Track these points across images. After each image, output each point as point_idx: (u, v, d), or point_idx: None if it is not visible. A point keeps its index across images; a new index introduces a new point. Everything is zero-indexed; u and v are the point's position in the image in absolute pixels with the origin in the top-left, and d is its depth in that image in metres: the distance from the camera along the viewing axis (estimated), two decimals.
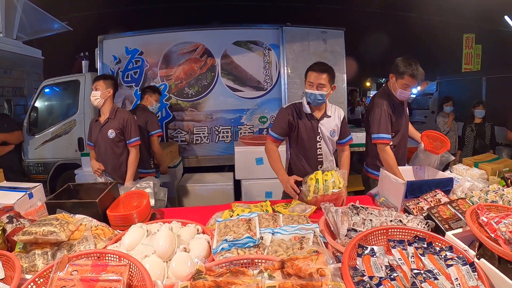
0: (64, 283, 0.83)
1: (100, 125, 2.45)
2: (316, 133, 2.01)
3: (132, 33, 4.30)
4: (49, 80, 4.50)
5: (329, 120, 2.03)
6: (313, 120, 2.00)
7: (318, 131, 2.01)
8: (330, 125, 2.03)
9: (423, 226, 1.20)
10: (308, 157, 2.04)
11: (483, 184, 1.75)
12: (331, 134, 2.03)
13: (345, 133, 2.10)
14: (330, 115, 2.04)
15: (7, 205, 1.50)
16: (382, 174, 1.86)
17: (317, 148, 2.03)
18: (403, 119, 2.25)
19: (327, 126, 2.02)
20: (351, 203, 1.40)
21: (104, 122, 2.44)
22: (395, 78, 2.11)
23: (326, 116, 2.03)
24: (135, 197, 1.80)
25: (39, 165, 4.40)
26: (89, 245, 1.19)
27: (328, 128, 2.03)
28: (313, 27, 4.28)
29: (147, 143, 3.04)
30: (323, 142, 2.03)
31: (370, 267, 0.89)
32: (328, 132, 2.02)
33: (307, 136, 2.01)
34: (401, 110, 2.22)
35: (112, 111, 2.45)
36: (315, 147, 2.02)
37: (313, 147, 2.02)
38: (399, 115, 2.20)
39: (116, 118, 2.44)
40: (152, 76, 4.22)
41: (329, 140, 2.04)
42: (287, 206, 1.72)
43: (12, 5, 4.98)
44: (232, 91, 4.20)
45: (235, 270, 0.88)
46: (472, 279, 0.86)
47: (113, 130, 2.41)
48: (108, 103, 2.44)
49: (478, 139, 4.21)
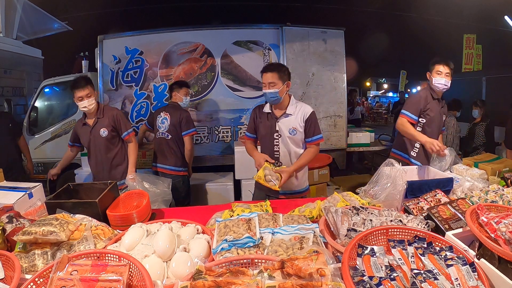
0: (64, 283, 0.83)
1: (90, 127, 2.45)
2: (273, 131, 2.09)
3: (132, 33, 4.30)
4: (49, 80, 4.51)
5: (290, 118, 2.07)
6: (272, 119, 2.09)
7: (276, 129, 2.08)
8: (290, 123, 2.06)
9: (423, 226, 1.20)
10: (266, 153, 2.12)
11: (483, 184, 1.75)
12: (290, 132, 2.06)
13: (311, 132, 2.08)
14: (291, 113, 2.07)
15: (7, 205, 1.50)
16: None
17: (274, 145, 2.10)
18: (437, 116, 2.48)
19: (286, 124, 2.07)
20: (352, 205, 1.40)
21: (94, 123, 2.44)
22: (429, 74, 2.46)
23: (285, 115, 2.07)
24: (135, 197, 1.80)
25: (39, 165, 4.40)
26: (89, 245, 1.19)
27: (288, 126, 2.06)
28: (313, 27, 4.29)
29: (180, 143, 3.05)
30: (281, 140, 2.09)
31: (370, 267, 0.89)
32: (287, 131, 2.06)
33: (265, 134, 2.13)
34: (436, 106, 2.48)
35: (100, 111, 2.46)
36: (273, 145, 2.11)
37: (271, 144, 2.11)
38: (434, 108, 2.46)
39: (105, 116, 2.46)
40: (152, 76, 4.22)
41: (290, 139, 2.07)
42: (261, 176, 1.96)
43: (12, 5, 4.99)
44: (232, 91, 4.20)
45: (235, 270, 0.88)
46: (472, 279, 0.86)
47: (105, 128, 2.44)
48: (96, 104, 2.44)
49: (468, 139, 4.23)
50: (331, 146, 4.44)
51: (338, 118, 4.41)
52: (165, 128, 3.02)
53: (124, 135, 2.53)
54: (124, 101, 4.25)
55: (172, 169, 3.02)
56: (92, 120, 2.45)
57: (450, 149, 2.27)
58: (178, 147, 3.04)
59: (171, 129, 3.00)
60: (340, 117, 4.41)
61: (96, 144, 2.48)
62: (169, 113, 3.02)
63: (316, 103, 4.30)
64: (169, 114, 3.02)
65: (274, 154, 2.12)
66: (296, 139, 2.09)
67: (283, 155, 2.11)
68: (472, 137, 4.29)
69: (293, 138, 2.08)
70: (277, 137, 2.09)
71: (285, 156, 2.11)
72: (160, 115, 3.08)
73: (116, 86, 4.24)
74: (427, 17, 8.91)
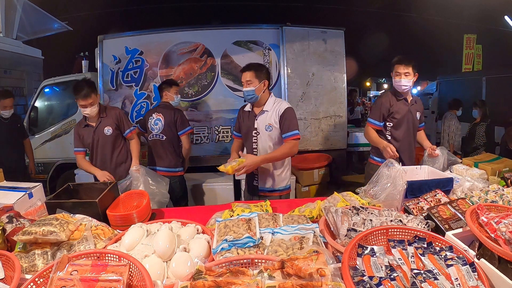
0: (64, 283, 0.83)
1: (94, 127, 2.47)
2: (252, 128, 2.15)
3: (132, 33, 4.30)
4: (49, 80, 4.51)
5: (266, 115, 2.11)
6: (251, 117, 2.17)
7: (254, 126, 2.14)
8: (266, 120, 2.11)
9: (423, 226, 1.20)
10: (247, 151, 2.20)
11: (483, 184, 1.75)
12: (266, 128, 2.10)
13: (286, 127, 2.06)
14: (268, 110, 2.11)
15: (7, 205, 1.50)
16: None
17: (253, 142, 2.16)
18: (406, 116, 2.47)
19: (263, 121, 2.12)
20: (352, 205, 1.40)
21: (97, 123, 2.47)
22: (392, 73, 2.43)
23: (263, 112, 2.13)
24: (135, 197, 1.80)
25: (39, 165, 4.40)
26: (89, 245, 1.19)
27: (264, 122, 2.11)
28: (313, 27, 4.28)
29: (176, 143, 3.03)
30: (259, 137, 2.14)
31: (370, 267, 0.89)
32: (264, 127, 2.11)
33: (246, 131, 2.20)
34: (403, 106, 2.46)
35: (102, 110, 2.49)
36: (251, 141, 2.17)
37: (250, 141, 2.18)
38: (400, 109, 2.45)
39: (108, 115, 2.50)
40: (152, 76, 4.21)
41: (267, 135, 2.11)
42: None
43: (12, 5, 4.99)
44: (232, 91, 4.20)
45: (235, 270, 0.88)
46: (472, 279, 0.86)
47: (109, 127, 2.47)
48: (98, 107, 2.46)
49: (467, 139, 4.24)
50: (331, 146, 4.43)
51: (338, 118, 4.41)
52: (159, 129, 2.97)
53: (126, 133, 2.58)
54: (124, 101, 4.25)
55: (169, 171, 2.99)
56: (95, 120, 2.47)
57: (442, 148, 2.28)
58: (173, 147, 3.01)
59: (166, 130, 2.96)
60: (340, 117, 4.41)
61: (101, 143, 2.50)
62: (162, 114, 2.96)
63: (316, 103, 4.30)
64: (162, 115, 2.96)
65: (253, 151, 2.17)
66: (273, 136, 2.11)
67: (262, 152, 2.13)
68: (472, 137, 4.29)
69: (271, 134, 2.11)
70: (255, 134, 2.15)
71: (264, 152, 2.13)
72: (152, 116, 3.01)
73: (116, 86, 4.24)
74: (427, 17, 8.91)
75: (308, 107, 4.28)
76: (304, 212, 1.57)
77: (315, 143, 4.38)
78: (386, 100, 2.46)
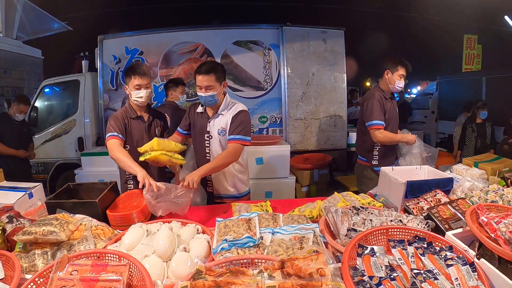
0: (64, 283, 0.83)
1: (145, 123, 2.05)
2: (205, 132, 1.97)
3: (132, 33, 4.31)
4: (49, 80, 4.51)
5: (220, 118, 1.95)
6: (204, 119, 1.99)
7: (207, 130, 1.97)
8: (220, 123, 1.94)
9: (423, 226, 1.20)
10: (199, 156, 2.04)
11: (483, 184, 1.75)
12: (219, 132, 1.95)
13: (233, 129, 1.89)
14: (222, 113, 1.94)
15: (7, 205, 1.50)
16: (382, 174, 1.86)
17: (205, 146, 1.99)
18: (393, 115, 2.52)
19: (216, 124, 1.95)
20: (352, 205, 1.40)
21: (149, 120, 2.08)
22: (390, 73, 2.43)
23: (217, 115, 1.95)
24: (135, 197, 1.80)
25: (39, 165, 4.41)
26: (89, 245, 1.19)
27: (217, 126, 1.95)
28: (313, 27, 4.29)
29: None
30: (212, 141, 1.97)
31: (370, 267, 0.89)
32: (216, 131, 1.95)
33: (197, 134, 2.01)
34: (391, 105, 2.51)
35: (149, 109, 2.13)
36: (204, 146, 1.99)
37: (202, 145, 1.99)
38: (389, 108, 2.49)
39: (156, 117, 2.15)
40: (152, 76, 4.21)
41: (220, 140, 1.95)
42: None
43: (12, 5, 4.99)
44: (232, 91, 4.20)
45: (235, 270, 0.88)
46: (472, 279, 0.86)
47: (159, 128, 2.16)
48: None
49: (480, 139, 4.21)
50: (331, 146, 4.44)
51: (338, 118, 4.41)
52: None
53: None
54: (124, 101, 4.25)
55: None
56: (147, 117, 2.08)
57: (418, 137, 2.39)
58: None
59: (171, 130, 2.90)
60: (340, 117, 4.41)
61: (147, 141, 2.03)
62: (168, 114, 2.84)
63: (316, 103, 4.30)
64: (168, 115, 2.85)
65: (206, 156, 1.99)
66: (226, 140, 1.93)
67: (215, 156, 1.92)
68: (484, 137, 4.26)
69: (222, 139, 1.95)
70: (208, 138, 1.97)
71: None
72: None
73: (116, 86, 4.24)
74: (427, 17, 8.92)
75: (308, 107, 4.29)
76: (304, 212, 1.57)
77: (315, 143, 4.38)
78: (381, 100, 2.46)
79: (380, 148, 2.50)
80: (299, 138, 4.29)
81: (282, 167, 3.63)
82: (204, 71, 1.83)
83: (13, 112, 3.50)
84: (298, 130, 4.27)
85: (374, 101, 2.40)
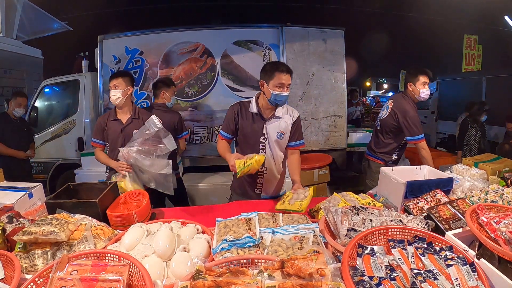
0: (64, 283, 0.83)
1: (122, 124, 2.30)
2: (260, 134, 1.93)
3: (132, 33, 4.30)
4: (49, 80, 4.51)
5: (278, 121, 1.94)
6: (259, 120, 1.93)
7: (263, 132, 1.93)
8: (278, 126, 1.94)
9: (423, 226, 1.20)
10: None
11: (483, 184, 1.75)
12: (278, 136, 1.93)
13: (296, 136, 1.98)
14: (280, 116, 1.94)
15: (7, 205, 1.50)
16: (382, 174, 1.86)
17: (259, 150, 1.94)
18: None
19: (274, 127, 1.93)
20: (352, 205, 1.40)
21: (127, 122, 2.31)
22: (413, 84, 2.46)
23: (274, 117, 1.93)
24: (135, 197, 1.80)
25: (39, 165, 4.41)
26: (89, 245, 1.19)
27: (276, 129, 1.93)
28: (313, 27, 4.28)
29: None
30: (267, 143, 1.95)
31: (370, 267, 0.89)
32: (275, 134, 1.93)
33: (250, 136, 1.94)
34: None
35: (135, 111, 2.35)
36: (258, 148, 1.94)
37: (255, 147, 1.94)
38: None
39: (140, 118, 2.33)
40: (152, 76, 4.21)
41: (276, 143, 1.95)
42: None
43: (12, 5, 4.99)
44: (232, 91, 4.20)
45: (235, 270, 0.88)
46: (472, 279, 0.86)
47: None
48: (129, 101, 2.33)
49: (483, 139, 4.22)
50: (331, 146, 4.44)
51: (338, 118, 4.41)
52: None
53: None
54: None
55: None
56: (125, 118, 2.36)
57: None
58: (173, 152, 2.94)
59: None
60: (340, 117, 4.41)
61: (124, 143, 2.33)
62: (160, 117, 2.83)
63: (316, 103, 4.30)
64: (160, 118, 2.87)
65: None
66: (283, 144, 1.98)
67: (270, 159, 1.98)
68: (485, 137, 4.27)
69: (280, 142, 1.97)
70: (263, 140, 1.94)
71: (272, 160, 2.00)
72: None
73: None
74: (427, 17, 8.92)
75: (308, 107, 4.29)
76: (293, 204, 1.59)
77: (315, 143, 4.38)
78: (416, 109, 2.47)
79: (399, 152, 2.57)
80: None
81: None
82: (289, 69, 1.84)
83: (12, 109, 3.47)
84: None
85: (415, 113, 2.39)
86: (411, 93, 2.49)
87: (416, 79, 2.42)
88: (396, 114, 2.47)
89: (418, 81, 2.42)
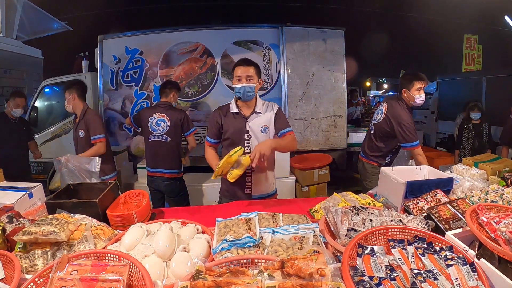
0: (64, 283, 0.83)
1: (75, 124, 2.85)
2: (244, 131, 1.98)
3: (132, 33, 4.30)
4: (49, 80, 4.52)
5: (259, 116, 1.99)
6: (240, 119, 1.99)
7: (246, 130, 1.98)
8: (260, 121, 1.99)
9: (423, 226, 1.20)
10: None
11: (483, 184, 1.75)
12: (262, 130, 1.98)
13: (281, 125, 1.99)
14: (260, 111, 1.99)
15: (7, 205, 1.50)
16: (382, 174, 1.86)
17: (245, 146, 1.97)
18: None
19: (257, 123, 1.99)
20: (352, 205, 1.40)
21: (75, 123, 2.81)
22: (407, 90, 2.39)
23: (255, 113, 1.99)
24: (135, 197, 1.80)
25: (39, 165, 4.41)
26: (89, 245, 1.19)
27: (259, 125, 1.98)
28: (313, 27, 4.29)
29: (179, 144, 2.99)
30: (253, 139, 1.98)
31: (370, 267, 0.89)
32: (258, 129, 1.98)
33: (234, 135, 1.99)
34: None
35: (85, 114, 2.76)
36: (243, 145, 1.96)
37: (241, 145, 1.96)
38: None
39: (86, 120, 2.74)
40: (152, 76, 4.22)
41: (263, 137, 1.98)
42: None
43: (12, 5, 4.99)
44: (232, 91, 4.20)
45: (235, 270, 0.87)
46: (472, 279, 0.86)
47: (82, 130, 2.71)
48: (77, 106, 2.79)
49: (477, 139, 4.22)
50: (331, 146, 4.44)
51: (338, 118, 4.41)
52: (163, 130, 2.86)
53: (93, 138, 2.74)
54: (124, 101, 4.25)
55: (171, 172, 2.93)
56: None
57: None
58: (177, 149, 2.95)
59: (171, 131, 2.87)
60: (340, 117, 4.42)
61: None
62: (167, 115, 2.87)
63: (316, 103, 4.30)
64: (167, 116, 2.87)
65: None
66: (269, 137, 2.00)
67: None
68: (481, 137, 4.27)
69: (266, 136, 1.99)
70: (247, 137, 1.98)
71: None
72: (153, 116, 2.87)
73: (116, 86, 4.24)
74: (427, 17, 8.92)
75: (308, 107, 4.29)
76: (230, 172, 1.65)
77: (315, 143, 4.38)
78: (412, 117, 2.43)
79: (392, 156, 2.57)
80: (299, 138, 4.29)
81: (282, 167, 3.63)
82: (248, 62, 1.96)
83: (10, 109, 3.47)
84: (298, 130, 4.27)
85: (409, 120, 2.35)
86: (406, 99, 2.43)
87: (410, 85, 2.36)
88: (390, 120, 2.42)
89: (413, 87, 2.36)
